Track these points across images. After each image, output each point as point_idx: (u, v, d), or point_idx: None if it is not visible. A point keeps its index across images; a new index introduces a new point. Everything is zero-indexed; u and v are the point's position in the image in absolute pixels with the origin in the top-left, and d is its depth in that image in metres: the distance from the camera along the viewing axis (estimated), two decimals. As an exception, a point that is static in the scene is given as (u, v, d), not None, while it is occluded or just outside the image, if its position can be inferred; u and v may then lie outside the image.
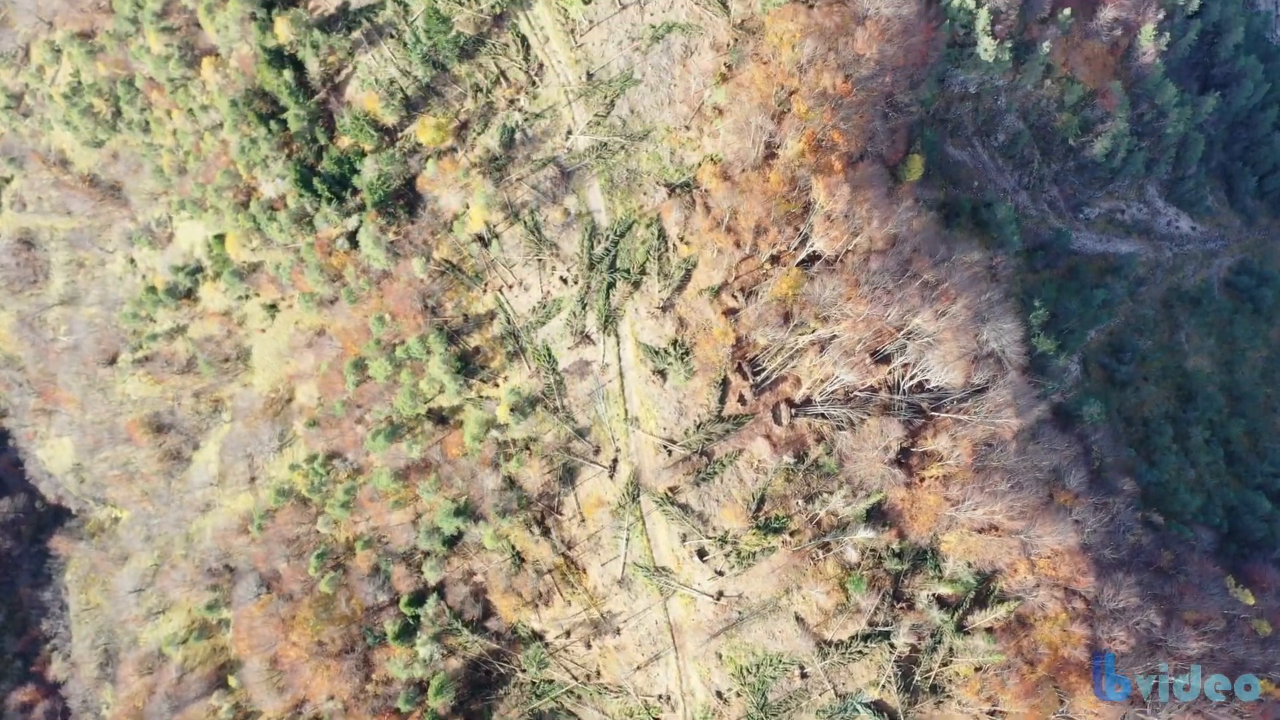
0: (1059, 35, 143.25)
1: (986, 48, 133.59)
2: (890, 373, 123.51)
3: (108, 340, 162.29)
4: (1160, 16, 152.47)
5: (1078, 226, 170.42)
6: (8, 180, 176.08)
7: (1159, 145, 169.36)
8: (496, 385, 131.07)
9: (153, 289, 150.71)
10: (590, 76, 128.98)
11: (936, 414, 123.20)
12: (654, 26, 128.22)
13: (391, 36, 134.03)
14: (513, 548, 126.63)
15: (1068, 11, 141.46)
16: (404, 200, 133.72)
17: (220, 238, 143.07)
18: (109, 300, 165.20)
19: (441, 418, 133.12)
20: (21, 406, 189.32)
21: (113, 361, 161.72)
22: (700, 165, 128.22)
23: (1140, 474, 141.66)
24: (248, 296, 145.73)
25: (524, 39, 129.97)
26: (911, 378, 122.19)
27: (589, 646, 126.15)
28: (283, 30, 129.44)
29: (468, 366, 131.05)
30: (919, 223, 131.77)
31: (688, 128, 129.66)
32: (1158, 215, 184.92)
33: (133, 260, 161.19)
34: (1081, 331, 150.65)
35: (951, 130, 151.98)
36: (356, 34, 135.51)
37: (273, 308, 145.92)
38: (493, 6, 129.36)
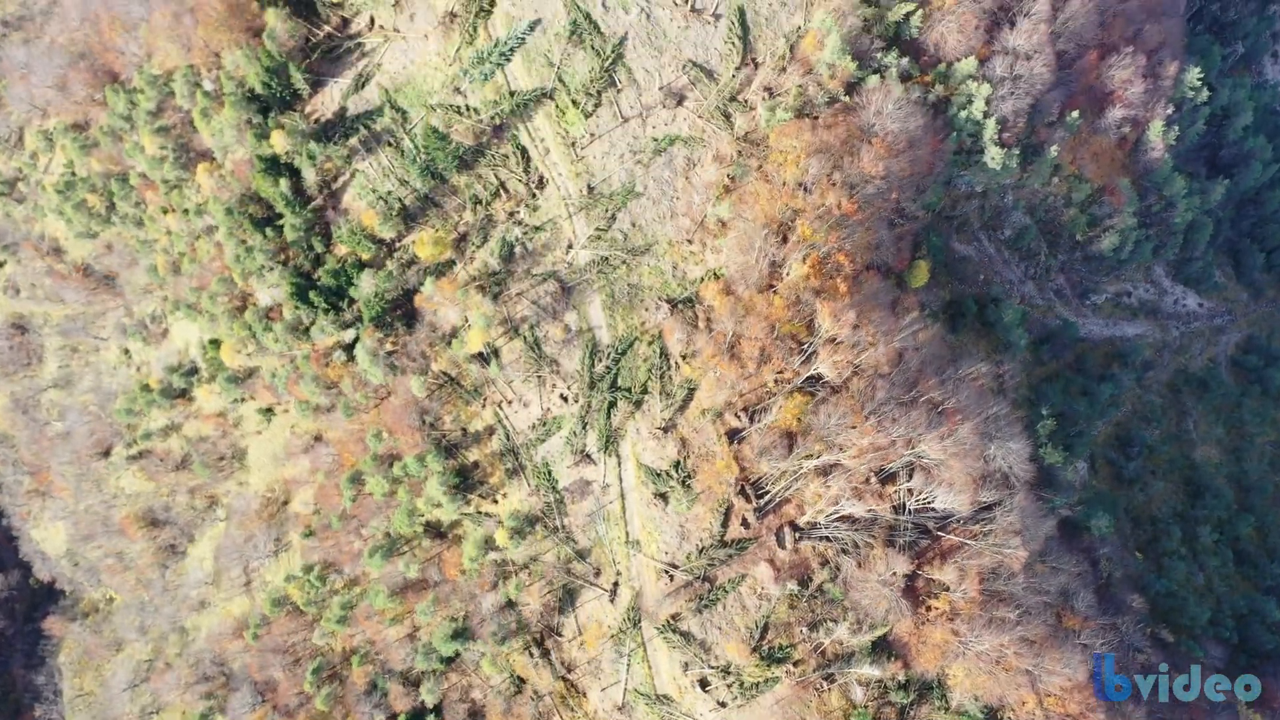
0: (1067, 137, 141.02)
1: (994, 156, 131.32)
2: (896, 492, 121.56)
3: (101, 431, 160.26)
4: (1169, 111, 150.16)
5: (1084, 313, 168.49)
6: (0, 265, 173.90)
7: (1167, 231, 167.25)
8: (495, 501, 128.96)
9: (147, 387, 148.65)
10: (591, 189, 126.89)
11: (943, 534, 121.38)
12: (656, 140, 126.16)
13: (389, 145, 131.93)
14: (512, 670, 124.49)
15: (1075, 114, 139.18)
16: (401, 310, 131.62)
17: (215, 342, 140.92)
18: (102, 390, 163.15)
19: (439, 532, 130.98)
20: (15, 485, 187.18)
21: (106, 454, 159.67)
22: (703, 280, 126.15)
23: (1149, 584, 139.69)
24: (243, 399, 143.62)
25: (524, 151, 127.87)
26: (918, 501, 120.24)
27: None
28: (279, 141, 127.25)
29: (466, 481, 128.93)
30: (925, 334, 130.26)
31: (690, 241, 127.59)
32: (1165, 295, 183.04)
33: (127, 351, 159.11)
34: (1089, 432, 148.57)
35: (957, 226, 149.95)
36: (354, 141, 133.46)
37: (268, 411, 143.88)
38: (492, 117, 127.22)
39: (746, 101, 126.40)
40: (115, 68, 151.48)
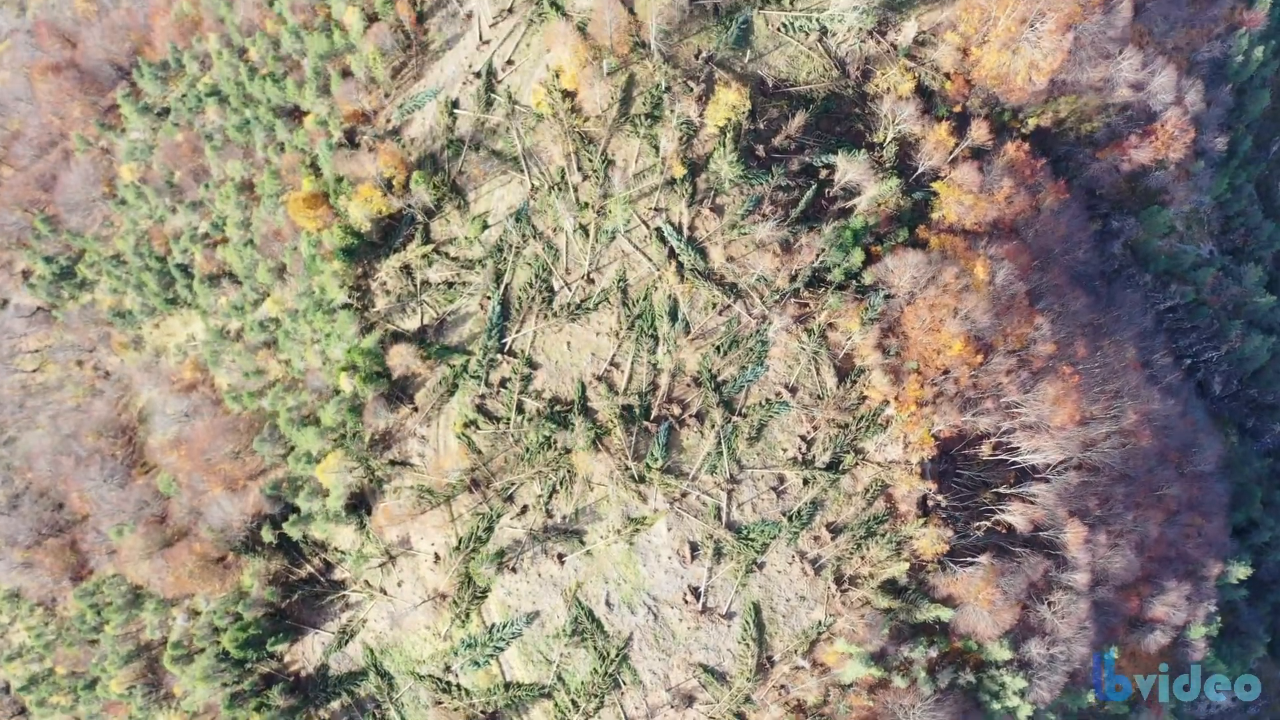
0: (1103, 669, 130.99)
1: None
2: None
3: None
4: (1212, 610, 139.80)
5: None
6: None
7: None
8: None
9: None
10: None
11: None
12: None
13: (373, 717, 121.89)
14: None
15: (1114, 651, 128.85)
16: None
17: None
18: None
19: None
20: None
21: None
22: None
23: None
24: None
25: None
26: None
27: None
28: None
29: None
30: None
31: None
32: (1199, 703, 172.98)
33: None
34: None
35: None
36: (335, 705, 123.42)
37: None
38: (486, 704, 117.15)
39: (762, 701, 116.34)
40: (83, 545, 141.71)
